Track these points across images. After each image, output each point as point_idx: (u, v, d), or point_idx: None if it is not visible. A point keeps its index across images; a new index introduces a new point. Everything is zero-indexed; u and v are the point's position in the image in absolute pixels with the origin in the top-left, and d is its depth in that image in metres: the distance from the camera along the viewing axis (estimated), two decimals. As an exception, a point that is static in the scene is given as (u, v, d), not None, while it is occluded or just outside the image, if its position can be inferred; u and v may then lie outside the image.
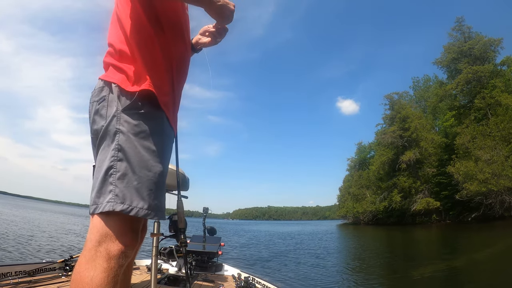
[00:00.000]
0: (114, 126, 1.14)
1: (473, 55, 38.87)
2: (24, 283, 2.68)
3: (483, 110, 36.35)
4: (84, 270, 1.03)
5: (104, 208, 1.08)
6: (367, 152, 67.55)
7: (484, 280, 7.40)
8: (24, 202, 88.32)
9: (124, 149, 1.12)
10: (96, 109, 1.20)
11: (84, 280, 1.01)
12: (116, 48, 1.23)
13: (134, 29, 1.22)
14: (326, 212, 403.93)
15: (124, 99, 1.17)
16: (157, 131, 1.19)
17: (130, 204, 1.10)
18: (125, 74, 1.19)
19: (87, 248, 1.07)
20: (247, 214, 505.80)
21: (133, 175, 1.12)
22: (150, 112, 1.19)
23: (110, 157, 1.12)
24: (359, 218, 55.43)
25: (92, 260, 1.04)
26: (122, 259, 1.11)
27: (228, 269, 4.90)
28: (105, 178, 1.11)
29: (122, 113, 1.15)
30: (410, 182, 42.94)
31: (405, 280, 7.98)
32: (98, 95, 1.21)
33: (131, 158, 1.12)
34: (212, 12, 1.28)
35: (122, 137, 1.13)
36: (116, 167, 1.11)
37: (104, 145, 1.15)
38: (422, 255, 13.47)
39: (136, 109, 1.16)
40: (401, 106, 46.58)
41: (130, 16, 1.22)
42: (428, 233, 27.86)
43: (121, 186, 1.10)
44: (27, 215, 29.30)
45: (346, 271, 9.62)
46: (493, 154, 30.62)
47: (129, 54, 1.21)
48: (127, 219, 1.12)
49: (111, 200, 1.08)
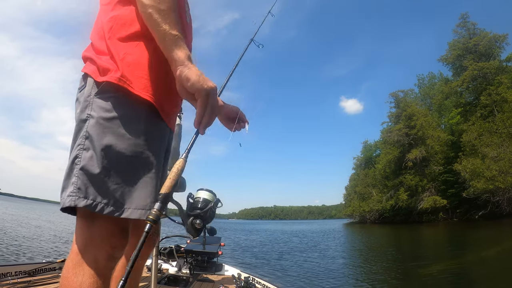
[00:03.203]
0: (85, 112, 1.02)
1: (478, 51, 38.55)
2: (23, 283, 2.71)
3: (489, 107, 35.98)
4: (72, 276, 0.96)
5: (64, 204, 0.96)
6: (373, 151, 67.19)
7: (493, 278, 7.30)
8: (30, 204, 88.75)
9: (91, 136, 0.99)
10: (76, 98, 1.12)
11: (73, 286, 0.95)
12: (95, 39, 1.14)
13: (121, 27, 1.11)
14: (332, 211, 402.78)
15: (98, 85, 1.05)
16: (133, 118, 1.04)
17: (94, 199, 0.96)
18: (105, 65, 1.06)
19: (73, 251, 1.00)
20: (253, 214, 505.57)
21: (97, 167, 0.97)
22: (128, 96, 1.04)
23: (77, 145, 1.00)
24: (366, 217, 55.04)
25: (79, 264, 0.97)
26: (111, 261, 1.04)
27: (228, 269, 4.92)
28: (70, 169, 0.99)
29: (95, 97, 1.03)
30: (417, 180, 42.61)
31: (413, 279, 7.92)
32: (79, 84, 1.13)
33: (97, 147, 0.98)
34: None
35: (91, 122, 1.00)
36: (81, 156, 0.98)
37: (74, 134, 1.04)
38: (430, 253, 13.34)
39: (110, 92, 1.03)
40: (406, 104, 46.24)
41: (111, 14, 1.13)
42: (435, 231, 27.64)
43: (83, 178, 0.96)
44: (30, 215, 29.53)
45: (352, 270, 9.57)
46: (500, 151, 30.30)
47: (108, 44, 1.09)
48: (110, 218, 0.99)
49: (72, 194, 0.95)
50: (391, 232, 29.68)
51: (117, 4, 1.14)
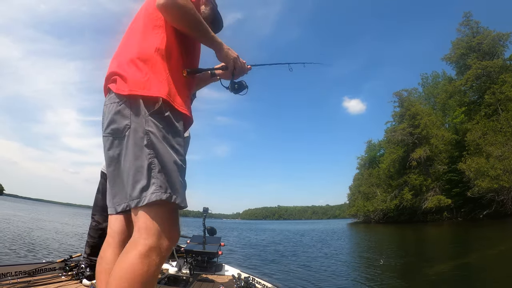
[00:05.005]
0: (143, 127, 1.29)
1: (482, 50, 38.32)
2: (23, 283, 2.73)
3: (493, 105, 35.79)
4: (139, 264, 1.15)
5: (151, 199, 1.22)
6: (377, 150, 66.84)
7: (497, 277, 7.26)
8: (34, 205, 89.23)
9: (156, 147, 1.27)
10: (117, 110, 1.33)
11: (138, 273, 1.13)
12: (139, 56, 1.38)
13: (160, 41, 1.42)
14: (336, 211, 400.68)
15: (148, 104, 1.31)
16: (177, 132, 1.37)
17: (171, 192, 1.25)
18: (147, 81, 1.33)
19: (140, 243, 1.19)
20: (257, 214, 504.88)
21: (167, 170, 1.27)
22: (172, 115, 1.35)
23: (147, 154, 1.27)
24: (370, 217, 54.77)
25: (147, 255, 1.17)
26: (169, 253, 1.27)
27: (229, 269, 4.93)
28: (148, 172, 1.26)
29: (150, 116, 1.29)
30: (421, 180, 42.38)
31: (418, 278, 7.90)
32: (120, 98, 1.34)
33: (163, 156, 1.28)
34: (219, 56, 1.57)
35: (152, 137, 1.28)
36: (155, 163, 1.26)
37: (131, 144, 1.29)
38: (435, 253, 13.30)
39: (161, 114, 1.32)
40: (410, 103, 45.93)
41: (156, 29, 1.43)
42: (439, 231, 27.52)
43: (161, 178, 1.25)
44: (33, 216, 29.69)
45: (355, 269, 9.57)
46: (504, 150, 30.10)
47: (152, 63, 1.37)
48: (171, 211, 1.29)
49: (156, 190, 1.23)
50: (396, 232, 29.59)
51: (156, 28, 1.44)
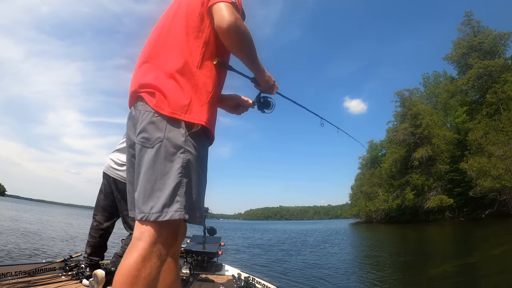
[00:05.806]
0: (182, 145, 1.33)
1: (483, 49, 38.23)
2: (23, 283, 2.74)
3: (495, 105, 35.64)
4: (142, 267, 1.22)
5: (173, 216, 1.27)
6: (379, 150, 66.75)
7: (499, 277, 7.22)
8: (36, 206, 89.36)
9: (189, 167, 1.33)
10: (152, 121, 1.35)
11: (142, 275, 1.21)
12: (180, 71, 1.39)
13: (203, 56, 1.44)
14: (338, 211, 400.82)
15: (188, 124, 1.35)
16: (206, 156, 1.46)
17: (191, 214, 1.33)
18: (189, 104, 1.36)
19: (142, 247, 1.25)
20: (258, 214, 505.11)
21: (192, 190, 1.34)
22: (206, 140, 1.46)
23: (178, 173, 1.31)
24: (372, 217, 54.71)
25: (148, 258, 1.24)
26: (168, 257, 1.34)
27: (229, 269, 4.94)
28: (173, 190, 1.29)
29: (189, 136, 1.35)
30: (423, 180, 42.25)
31: (421, 278, 7.88)
32: (156, 110, 1.35)
33: (192, 176, 1.34)
34: (260, 79, 1.64)
35: (188, 157, 1.33)
36: (183, 182, 1.31)
37: (162, 157, 1.32)
38: (437, 252, 13.27)
39: (200, 138, 1.39)
40: (412, 103, 45.84)
41: (198, 42, 1.45)
42: (442, 230, 27.45)
43: (186, 198, 1.31)
44: (34, 217, 29.75)
45: (357, 269, 9.56)
46: (506, 149, 29.96)
47: (194, 81, 1.40)
48: (177, 225, 1.35)
49: (180, 209, 1.29)
50: (398, 232, 29.56)
51: (198, 40, 1.46)
